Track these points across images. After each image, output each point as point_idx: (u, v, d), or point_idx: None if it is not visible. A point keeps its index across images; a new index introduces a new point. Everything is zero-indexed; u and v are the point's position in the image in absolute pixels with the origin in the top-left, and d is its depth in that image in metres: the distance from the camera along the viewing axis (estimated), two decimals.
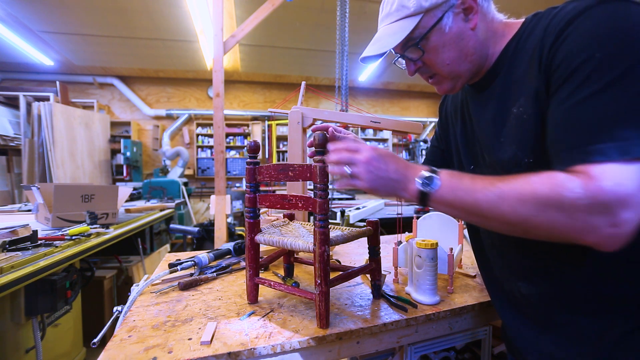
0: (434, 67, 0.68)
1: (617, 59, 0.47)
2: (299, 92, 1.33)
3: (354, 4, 3.60)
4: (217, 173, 2.75)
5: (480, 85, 0.72)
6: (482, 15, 0.65)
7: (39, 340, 1.53)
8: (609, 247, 0.48)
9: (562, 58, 0.52)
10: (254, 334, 0.74)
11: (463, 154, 0.82)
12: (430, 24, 0.63)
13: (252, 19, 2.80)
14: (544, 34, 0.56)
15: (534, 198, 0.49)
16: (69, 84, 5.76)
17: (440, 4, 0.62)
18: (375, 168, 0.62)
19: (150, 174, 6.50)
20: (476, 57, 0.67)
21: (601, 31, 0.49)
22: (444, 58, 0.66)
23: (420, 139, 4.41)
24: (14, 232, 1.62)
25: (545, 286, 0.63)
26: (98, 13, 3.97)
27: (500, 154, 0.65)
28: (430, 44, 0.65)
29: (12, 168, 4.74)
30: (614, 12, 0.49)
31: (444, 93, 0.75)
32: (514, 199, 0.51)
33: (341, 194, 5.02)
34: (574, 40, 0.51)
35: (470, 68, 0.68)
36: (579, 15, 0.51)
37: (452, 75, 0.69)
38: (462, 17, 0.64)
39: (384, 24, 0.69)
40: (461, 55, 0.66)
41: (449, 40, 0.64)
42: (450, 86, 0.71)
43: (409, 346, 0.88)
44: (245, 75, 6.63)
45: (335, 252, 1.43)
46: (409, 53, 0.69)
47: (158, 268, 1.19)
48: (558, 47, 0.53)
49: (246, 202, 0.90)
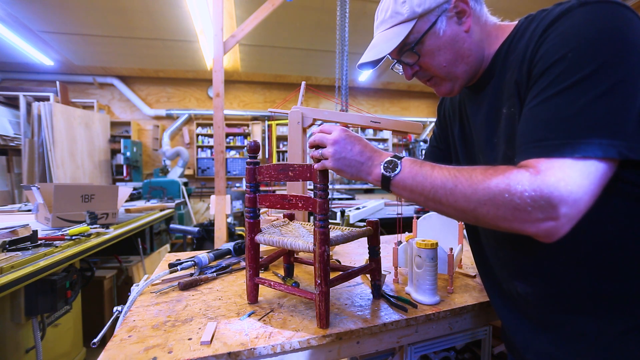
0: (430, 69, 0.69)
1: (587, 58, 0.48)
2: (299, 92, 1.33)
3: (354, 4, 3.60)
4: (217, 173, 2.75)
5: (477, 87, 0.72)
6: (475, 18, 0.66)
7: (39, 340, 1.53)
8: (547, 239, 0.50)
9: (539, 57, 0.54)
10: (254, 334, 0.74)
11: (461, 155, 0.83)
12: (424, 28, 0.64)
13: (252, 19, 2.80)
14: (531, 36, 0.57)
15: (484, 188, 0.52)
16: (69, 84, 5.76)
17: (433, 9, 0.63)
18: (342, 148, 0.67)
19: (150, 174, 6.50)
20: (472, 59, 0.67)
21: (576, 31, 0.50)
22: (440, 60, 0.67)
23: (420, 139, 4.41)
24: (14, 232, 1.62)
25: (542, 285, 0.63)
26: (98, 13, 3.97)
27: (493, 154, 0.66)
28: (426, 48, 0.66)
29: (12, 168, 4.74)
30: (592, 13, 0.50)
31: (443, 95, 0.75)
32: (467, 187, 0.54)
33: (341, 194, 5.02)
34: (551, 40, 0.52)
35: (467, 69, 0.68)
36: (561, 17, 0.53)
37: (449, 77, 0.69)
38: (455, 20, 0.65)
39: (379, 31, 0.71)
40: (457, 57, 0.66)
41: (444, 43, 0.65)
42: (448, 88, 0.72)
43: (409, 346, 0.88)
44: (245, 75, 6.63)
45: (335, 252, 1.43)
46: (405, 58, 0.70)
47: (158, 268, 1.19)
48: (538, 47, 0.54)
49: (246, 202, 0.90)
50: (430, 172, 0.59)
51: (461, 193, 0.54)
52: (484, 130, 0.70)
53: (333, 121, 1.21)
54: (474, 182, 0.53)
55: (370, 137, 7.56)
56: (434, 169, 0.59)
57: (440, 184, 0.57)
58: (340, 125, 0.83)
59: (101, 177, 5.64)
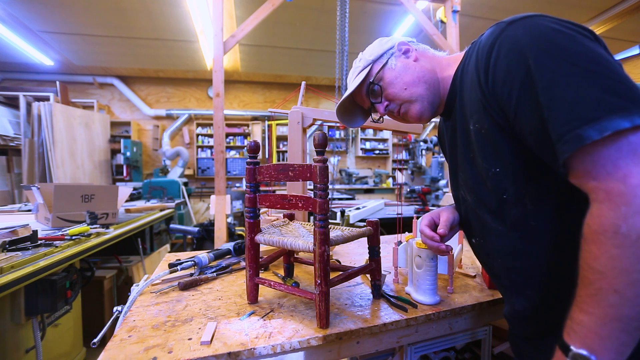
0: (396, 97, 0.77)
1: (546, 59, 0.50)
2: (299, 92, 1.33)
3: (354, 4, 3.60)
4: (217, 173, 2.75)
5: (446, 113, 0.79)
6: (420, 53, 0.79)
7: (39, 340, 1.53)
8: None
9: (503, 78, 0.56)
10: (254, 334, 0.74)
11: (450, 180, 0.86)
12: (379, 67, 0.78)
13: (252, 19, 2.79)
14: (477, 59, 0.62)
15: (617, 259, 0.44)
16: (69, 84, 5.76)
17: (382, 54, 0.79)
18: None
19: (150, 174, 6.50)
20: (428, 78, 0.75)
21: (523, 41, 0.54)
22: (400, 85, 0.76)
23: (420, 139, 4.40)
24: (14, 232, 1.62)
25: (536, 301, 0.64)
26: (98, 13, 3.97)
27: (473, 169, 0.69)
28: (385, 80, 0.77)
29: (12, 168, 4.74)
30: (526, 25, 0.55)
31: (416, 117, 0.77)
32: (619, 281, 0.44)
33: (341, 194, 5.02)
34: (503, 61, 0.56)
35: (427, 89, 0.75)
36: (497, 38, 0.58)
37: (414, 97, 0.75)
38: (403, 57, 0.77)
39: (350, 84, 0.83)
40: (414, 79, 0.75)
41: (398, 72, 0.76)
42: (419, 108, 0.76)
43: (409, 346, 0.88)
44: (245, 75, 6.63)
45: (335, 252, 1.43)
46: (373, 97, 0.80)
47: (158, 268, 1.19)
48: (493, 69, 0.57)
49: (246, 202, 0.90)
50: (599, 315, 0.45)
51: (628, 285, 0.43)
52: (461, 149, 0.73)
53: (333, 121, 1.22)
54: (612, 257, 0.44)
55: (370, 137, 7.57)
56: (587, 309, 0.47)
57: (619, 309, 0.44)
58: None
59: (101, 177, 5.64)
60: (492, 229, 0.68)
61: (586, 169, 0.47)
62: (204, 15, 3.99)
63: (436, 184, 3.78)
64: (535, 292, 0.64)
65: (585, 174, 0.47)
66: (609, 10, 4.06)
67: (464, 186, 0.74)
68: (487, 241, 0.71)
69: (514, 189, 0.61)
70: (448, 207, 0.84)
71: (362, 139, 7.53)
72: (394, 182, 7.06)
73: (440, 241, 0.78)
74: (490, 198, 0.66)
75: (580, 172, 0.48)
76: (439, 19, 3.32)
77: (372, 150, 7.54)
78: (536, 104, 0.51)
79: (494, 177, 0.63)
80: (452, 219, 0.80)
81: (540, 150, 0.54)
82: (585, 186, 0.48)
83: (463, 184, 0.75)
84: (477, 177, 0.68)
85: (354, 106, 0.88)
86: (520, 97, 0.53)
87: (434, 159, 3.94)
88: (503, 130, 0.59)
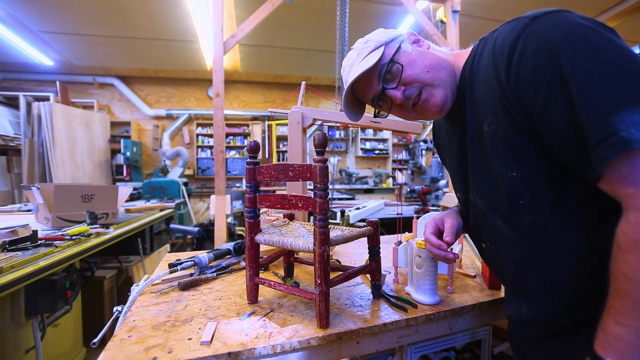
0: (417, 78, 0.68)
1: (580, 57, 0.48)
2: (299, 92, 1.33)
3: (354, 4, 3.60)
4: (217, 173, 2.75)
5: (454, 110, 0.72)
6: (429, 45, 0.74)
7: (39, 340, 1.53)
8: None
9: (529, 76, 0.52)
10: (254, 334, 0.74)
11: (454, 182, 0.83)
12: (393, 51, 0.70)
13: (252, 19, 2.79)
14: (494, 56, 0.59)
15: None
16: (69, 84, 5.76)
17: (393, 39, 0.71)
18: None
19: (150, 174, 6.50)
20: (447, 66, 0.70)
21: (552, 38, 0.50)
22: (421, 67, 0.68)
23: (420, 139, 4.40)
24: (14, 232, 1.62)
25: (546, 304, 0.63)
26: (98, 13, 3.97)
27: (484, 172, 0.66)
28: (403, 61, 0.69)
29: (12, 168, 4.74)
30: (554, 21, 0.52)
31: (440, 105, 0.69)
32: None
33: (341, 194, 5.02)
34: (530, 58, 0.52)
35: (448, 74, 0.70)
36: (521, 34, 0.54)
37: (437, 82, 0.68)
38: (414, 45, 0.72)
39: (352, 72, 0.72)
40: (435, 64, 0.69)
41: (416, 55, 0.70)
42: (443, 95, 0.68)
43: (409, 346, 0.88)
44: (245, 75, 6.63)
45: (335, 252, 1.43)
46: (388, 80, 0.70)
47: (158, 268, 1.19)
48: (517, 67, 0.54)
49: (246, 202, 0.90)
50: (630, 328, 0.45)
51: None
52: (472, 151, 0.69)
53: (333, 121, 1.22)
54: None
55: (370, 137, 7.57)
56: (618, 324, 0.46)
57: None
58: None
59: (101, 177, 5.64)
60: (504, 234, 0.65)
61: (623, 174, 0.45)
62: (204, 15, 3.99)
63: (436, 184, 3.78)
64: (549, 299, 0.62)
65: (622, 180, 0.45)
66: (609, 10, 4.06)
67: (474, 190, 0.71)
68: (498, 247, 0.68)
69: (532, 194, 0.58)
70: (450, 213, 0.82)
71: (362, 139, 7.53)
72: (394, 182, 7.06)
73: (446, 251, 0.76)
74: (503, 203, 0.63)
75: (616, 178, 0.46)
76: (439, 19, 3.32)
77: (372, 150, 7.54)
78: (568, 105, 0.49)
79: (510, 182, 0.60)
80: (457, 226, 0.78)
81: (565, 153, 0.52)
82: (621, 192, 0.46)
83: (473, 188, 0.71)
84: (490, 181, 0.64)
85: (352, 98, 0.78)
86: (549, 96, 0.50)
87: (434, 159, 3.94)
88: (523, 132, 0.56)
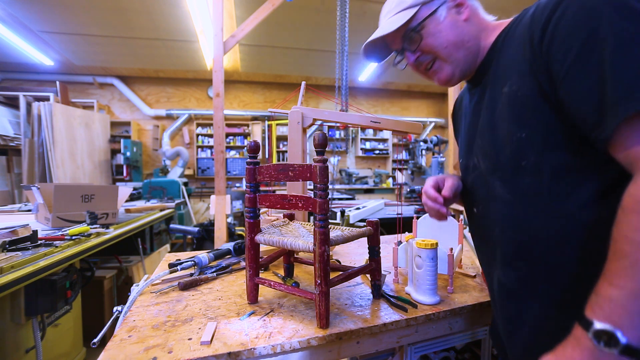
0: (433, 50, 0.72)
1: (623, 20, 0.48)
2: (299, 92, 1.33)
3: (354, 4, 3.60)
4: (217, 173, 2.75)
5: (475, 79, 0.75)
6: (473, 11, 0.72)
7: (39, 340, 1.53)
8: None
9: (564, 35, 0.53)
10: (254, 334, 0.74)
11: (460, 148, 0.84)
12: (426, 14, 0.70)
13: (252, 19, 2.80)
14: (532, 19, 0.58)
15: None
16: (69, 84, 5.76)
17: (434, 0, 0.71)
18: None
19: (150, 174, 6.50)
20: (471, 45, 0.71)
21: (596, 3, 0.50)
22: (441, 41, 0.71)
23: (420, 139, 4.40)
24: (14, 232, 1.62)
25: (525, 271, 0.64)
26: (98, 13, 3.97)
27: (493, 133, 0.67)
28: (428, 30, 0.71)
29: (12, 168, 4.74)
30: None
31: (444, 81, 0.75)
32: None
33: (341, 194, 5.02)
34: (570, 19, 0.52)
35: (466, 55, 0.71)
36: None
37: (450, 60, 0.72)
38: (454, 10, 0.71)
39: (384, 20, 0.76)
40: (457, 41, 0.71)
41: (445, 27, 0.70)
42: (449, 72, 0.73)
43: (409, 346, 0.88)
44: (245, 75, 6.63)
45: (335, 252, 1.43)
46: (408, 43, 0.74)
47: (158, 268, 1.19)
48: (555, 27, 0.54)
49: (246, 202, 0.90)
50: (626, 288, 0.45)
51: None
52: (485, 114, 0.70)
53: (333, 121, 1.22)
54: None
55: (370, 137, 7.57)
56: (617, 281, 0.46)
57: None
58: None
59: (101, 177, 5.64)
60: (498, 195, 0.67)
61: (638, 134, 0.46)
62: (204, 15, 3.99)
63: None
64: (525, 264, 0.63)
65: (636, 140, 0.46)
66: None
67: (479, 152, 0.72)
68: (489, 209, 0.70)
69: (536, 157, 0.59)
70: (452, 175, 0.84)
71: (362, 139, 7.54)
72: (394, 182, 7.07)
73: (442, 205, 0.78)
74: (506, 165, 0.64)
75: (629, 137, 0.47)
76: None
77: (372, 150, 7.54)
78: (598, 63, 0.49)
79: (517, 143, 0.61)
80: (457, 185, 0.80)
81: (582, 114, 0.52)
82: (633, 153, 0.47)
83: (478, 150, 0.73)
84: (497, 142, 0.66)
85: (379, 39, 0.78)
86: (580, 55, 0.51)
87: (434, 159, 3.94)
88: (542, 95, 0.57)
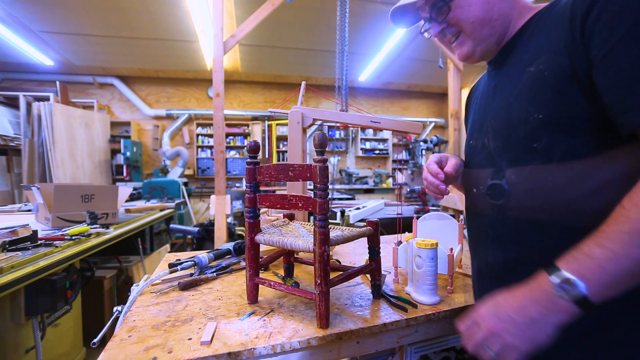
0: (458, 23, 0.70)
1: None
2: (299, 92, 1.33)
3: (354, 4, 3.60)
4: (217, 173, 2.75)
5: (497, 60, 0.74)
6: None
7: (39, 340, 1.53)
8: None
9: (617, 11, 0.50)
10: (254, 334, 0.74)
11: (471, 129, 0.82)
12: None
13: (252, 19, 2.80)
14: None
15: None
16: (69, 84, 5.76)
17: None
18: (507, 331, 0.53)
19: (150, 174, 6.50)
20: (498, 24, 0.69)
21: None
22: (469, 15, 0.68)
23: (420, 139, 4.41)
24: (14, 232, 1.62)
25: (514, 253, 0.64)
26: (98, 13, 3.97)
27: (508, 113, 0.66)
28: (458, 2, 0.68)
29: (12, 168, 4.74)
30: None
31: (464, 56, 0.74)
32: None
33: (341, 194, 5.02)
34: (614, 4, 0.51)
35: (491, 34, 0.69)
36: None
37: (474, 36, 0.70)
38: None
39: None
40: (485, 17, 0.68)
41: (476, 0, 0.68)
42: (470, 48, 0.72)
43: (409, 346, 0.88)
44: (245, 75, 6.63)
45: (335, 252, 1.43)
46: (436, 13, 0.72)
47: (158, 268, 1.19)
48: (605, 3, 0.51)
49: (246, 202, 0.90)
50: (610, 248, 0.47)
51: None
52: (502, 93, 0.69)
53: (333, 121, 1.22)
54: None
55: (370, 137, 7.57)
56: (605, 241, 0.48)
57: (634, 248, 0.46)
58: None
59: (101, 177, 5.64)
60: (503, 176, 0.66)
61: None
62: (204, 15, 3.99)
63: None
64: (515, 247, 0.64)
65: None
66: None
67: (491, 132, 0.71)
68: (488, 188, 0.70)
69: (549, 139, 0.58)
70: (456, 156, 0.83)
71: (362, 139, 7.54)
72: (394, 182, 7.07)
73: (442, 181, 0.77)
74: (517, 145, 0.63)
75: None
76: None
77: (372, 150, 7.54)
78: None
79: (533, 123, 0.60)
80: (459, 165, 0.80)
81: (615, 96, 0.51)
82: None
83: (490, 130, 0.72)
84: (511, 123, 0.65)
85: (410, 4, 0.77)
86: (626, 35, 0.49)
87: None
88: (570, 75, 0.56)
